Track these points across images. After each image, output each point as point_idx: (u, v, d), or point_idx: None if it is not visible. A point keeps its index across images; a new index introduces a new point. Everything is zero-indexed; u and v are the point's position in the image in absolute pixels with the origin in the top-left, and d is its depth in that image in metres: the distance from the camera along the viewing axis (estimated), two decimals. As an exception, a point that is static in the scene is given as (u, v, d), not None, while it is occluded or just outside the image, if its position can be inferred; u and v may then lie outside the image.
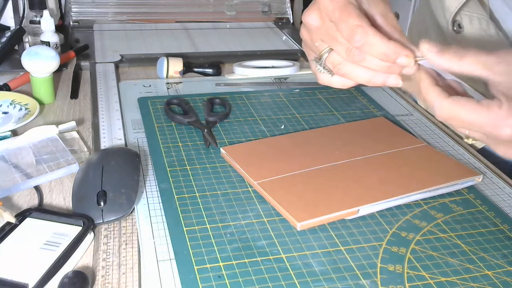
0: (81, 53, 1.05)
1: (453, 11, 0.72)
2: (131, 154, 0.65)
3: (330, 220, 0.58)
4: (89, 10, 1.24)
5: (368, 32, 0.50)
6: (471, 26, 0.73)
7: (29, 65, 0.83)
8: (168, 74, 0.95)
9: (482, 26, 0.73)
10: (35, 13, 1.05)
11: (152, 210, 0.60)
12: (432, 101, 0.49)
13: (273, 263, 0.52)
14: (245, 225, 0.58)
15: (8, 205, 0.60)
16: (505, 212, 0.63)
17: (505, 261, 0.55)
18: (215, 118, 0.79)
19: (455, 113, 0.48)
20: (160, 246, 0.54)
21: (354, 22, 0.50)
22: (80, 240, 0.53)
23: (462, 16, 0.74)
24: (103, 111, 0.81)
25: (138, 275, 0.51)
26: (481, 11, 0.73)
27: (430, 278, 0.52)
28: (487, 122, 0.46)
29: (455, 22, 0.73)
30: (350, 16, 0.51)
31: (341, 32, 0.52)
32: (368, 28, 0.50)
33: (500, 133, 0.46)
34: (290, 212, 0.58)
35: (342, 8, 0.52)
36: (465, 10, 0.74)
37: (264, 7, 1.34)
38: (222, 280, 0.50)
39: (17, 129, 0.75)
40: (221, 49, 1.13)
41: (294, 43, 1.19)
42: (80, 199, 0.59)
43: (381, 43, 0.50)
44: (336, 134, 0.75)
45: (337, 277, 0.51)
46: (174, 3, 1.30)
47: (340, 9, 0.52)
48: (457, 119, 0.48)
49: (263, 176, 0.64)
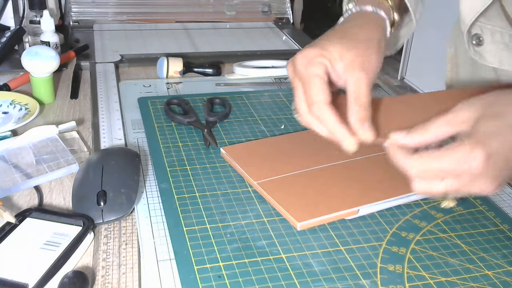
0: (81, 53, 1.05)
1: (468, 23, 0.69)
2: (131, 154, 0.65)
3: (330, 220, 0.58)
4: (89, 10, 1.24)
5: (322, 109, 0.54)
6: (492, 40, 0.70)
7: (29, 65, 0.83)
8: (168, 74, 0.95)
9: (504, 40, 0.70)
10: (35, 13, 1.05)
11: (152, 210, 0.60)
12: (404, 167, 0.51)
13: (273, 263, 0.52)
14: (245, 225, 0.58)
15: (8, 205, 0.60)
16: (505, 212, 0.63)
17: (505, 261, 0.55)
18: (215, 118, 0.79)
19: (427, 165, 0.49)
20: (160, 246, 0.54)
21: (312, 96, 0.55)
22: (80, 240, 0.53)
23: (483, 29, 0.70)
24: (103, 111, 0.81)
25: (138, 275, 0.51)
26: (506, 25, 0.70)
27: (430, 278, 0.52)
28: (455, 161, 0.48)
29: (475, 35, 0.71)
30: (311, 89, 0.55)
31: (305, 94, 0.56)
32: (323, 106, 0.54)
33: (470, 167, 0.48)
34: (290, 212, 0.58)
35: (308, 78, 0.55)
36: (487, 23, 0.70)
37: (264, 7, 1.34)
38: (222, 280, 0.50)
39: (17, 129, 0.75)
40: (221, 49, 1.13)
41: (294, 43, 1.19)
42: (80, 199, 0.59)
43: (332, 123, 0.54)
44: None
45: (337, 277, 0.51)
46: (174, 3, 1.30)
47: (307, 78, 0.56)
48: (431, 170, 0.49)
49: (263, 176, 0.64)
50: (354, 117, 0.54)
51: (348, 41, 0.57)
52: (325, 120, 0.55)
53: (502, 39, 0.69)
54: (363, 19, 0.62)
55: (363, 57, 0.56)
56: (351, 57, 0.56)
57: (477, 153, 0.48)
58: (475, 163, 0.48)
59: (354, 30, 0.59)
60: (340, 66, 0.56)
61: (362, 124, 0.54)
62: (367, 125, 0.54)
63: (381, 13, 0.62)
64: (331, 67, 0.56)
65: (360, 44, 0.57)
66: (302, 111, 0.57)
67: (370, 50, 0.58)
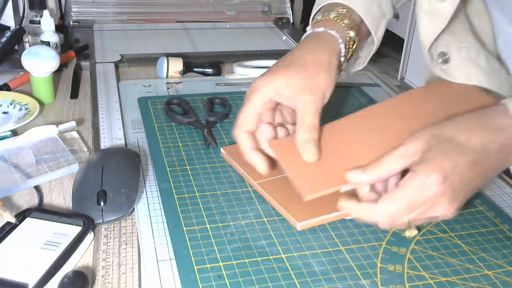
0: (81, 53, 1.05)
1: (427, 45, 0.70)
2: (131, 154, 0.65)
3: (330, 220, 0.58)
4: (89, 10, 1.24)
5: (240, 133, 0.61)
6: (459, 57, 0.70)
7: (29, 65, 0.83)
8: (168, 74, 0.95)
9: (471, 55, 0.70)
10: (35, 13, 1.05)
11: (152, 210, 0.60)
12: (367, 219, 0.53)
13: (273, 263, 0.52)
14: (245, 225, 0.58)
15: (8, 205, 0.60)
16: (505, 212, 0.63)
17: (505, 261, 0.55)
18: (215, 118, 0.79)
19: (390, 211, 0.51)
20: (160, 246, 0.54)
21: (238, 120, 0.61)
22: (80, 240, 0.53)
23: (449, 47, 0.70)
24: (103, 111, 0.81)
25: (138, 275, 0.51)
26: (472, 40, 0.71)
27: (430, 278, 0.52)
28: (415, 192, 0.50)
29: (441, 53, 0.71)
30: (241, 114, 0.61)
31: None
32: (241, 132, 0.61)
33: (431, 193, 0.50)
34: (290, 212, 0.58)
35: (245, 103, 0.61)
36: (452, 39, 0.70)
37: (264, 7, 1.34)
38: (222, 280, 0.50)
39: (17, 129, 0.75)
40: (221, 49, 1.13)
41: (294, 43, 1.19)
42: (80, 199, 0.59)
43: (244, 147, 0.60)
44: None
45: (337, 277, 0.51)
46: (174, 3, 1.30)
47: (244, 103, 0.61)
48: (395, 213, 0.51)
49: (263, 176, 0.64)
50: (299, 138, 0.58)
51: (296, 67, 0.61)
52: (240, 144, 0.61)
53: (469, 55, 0.70)
54: (313, 40, 0.66)
55: (311, 81, 0.60)
56: (298, 83, 0.60)
57: (434, 177, 0.49)
58: (434, 188, 0.50)
59: (301, 55, 0.63)
60: (289, 91, 0.60)
61: (306, 145, 0.58)
62: (310, 146, 0.58)
63: (332, 33, 0.65)
64: (277, 95, 0.60)
65: (307, 68, 0.61)
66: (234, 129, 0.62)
67: (319, 73, 0.61)
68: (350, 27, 0.67)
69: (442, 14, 0.65)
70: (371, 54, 0.75)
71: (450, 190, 0.50)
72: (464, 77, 0.69)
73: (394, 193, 0.51)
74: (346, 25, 0.66)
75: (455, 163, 0.50)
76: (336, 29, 0.66)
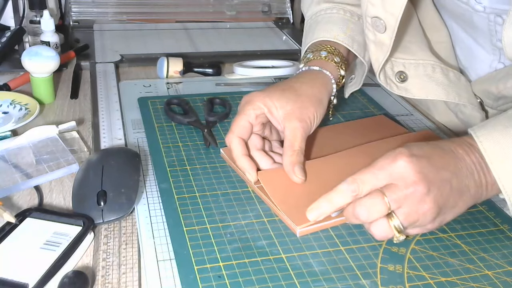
0: (81, 53, 1.05)
1: (377, 69, 0.73)
2: (131, 154, 0.65)
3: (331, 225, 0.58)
4: (89, 10, 1.24)
5: (231, 138, 0.64)
6: (415, 73, 0.73)
7: (29, 65, 0.83)
8: (168, 74, 0.95)
9: (427, 71, 0.73)
10: (35, 13, 1.05)
11: (152, 210, 0.60)
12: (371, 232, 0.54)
13: (273, 263, 0.52)
14: (245, 225, 0.58)
15: (8, 205, 0.60)
16: (505, 212, 0.63)
17: (505, 261, 0.55)
18: (215, 118, 0.79)
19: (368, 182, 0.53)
20: (160, 246, 0.54)
21: (232, 127, 0.64)
22: (80, 240, 0.53)
23: (405, 65, 0.73)
24: (103, 111, 0.81)
25: (138, 275, 0.51)
26: (428, 55, 0.73)
27: (430, 278, 0.52)
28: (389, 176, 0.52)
29: (398, 73, 0.74)
30: (235, 121, 0.65)
31: None
32: (234, 136, 0.64)
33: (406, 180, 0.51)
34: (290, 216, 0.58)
35: (240, 113, 0.65)
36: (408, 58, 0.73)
37: (264, 7, 1.34)
38: (222, 280, 0.50)
39: (17, 129, 0.75)
40: (221, 49, 1.13)
41: (294, 43, 1.19)
42: (80, 199, 0.59)
43: (236, 153, 0.64)
44: (336, 133, 0.75)
45: (337, 277, 0.51)
46: (174, 3, 1.30)
47: (239, 113, 0.65)
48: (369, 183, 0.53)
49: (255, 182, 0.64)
50: (286, 161, 0.62)
51: (289, 94, 0.66)
52: (232, 149, 0.64)
53: (425, 71, 0.73)
54: (309, 76, 0.71)
55: (301, 109, 0.65)
56: (290, 108, 0.64)
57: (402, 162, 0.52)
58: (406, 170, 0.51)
59: (297, 85, 0.68)
60: (280, 114, 0.64)
61: (293, 167, 0.61)
62: (297, 168, 0.61)
63: (327, 73, 0.71)
64: (269, 113, 0.65)
65: (300, 99, 0.66)
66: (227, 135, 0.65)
67: (308, 104, 0.66)
68: (339, 64, 0.73)
69: (384, 43, 0.69)
70: (364, 74, 0.80)
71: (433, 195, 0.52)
72: (423, 93, 0.73)
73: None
74: (336, 64, 0.73)
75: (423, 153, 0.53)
76: (330, 69, 0.72)
